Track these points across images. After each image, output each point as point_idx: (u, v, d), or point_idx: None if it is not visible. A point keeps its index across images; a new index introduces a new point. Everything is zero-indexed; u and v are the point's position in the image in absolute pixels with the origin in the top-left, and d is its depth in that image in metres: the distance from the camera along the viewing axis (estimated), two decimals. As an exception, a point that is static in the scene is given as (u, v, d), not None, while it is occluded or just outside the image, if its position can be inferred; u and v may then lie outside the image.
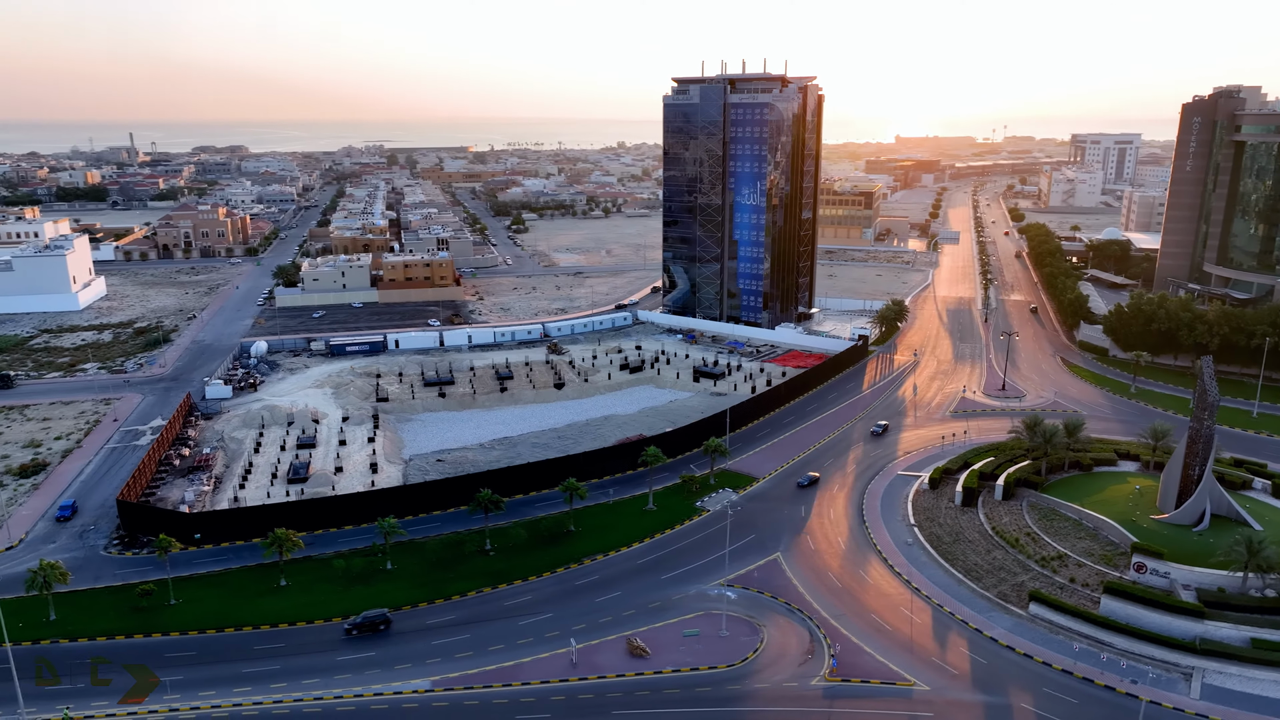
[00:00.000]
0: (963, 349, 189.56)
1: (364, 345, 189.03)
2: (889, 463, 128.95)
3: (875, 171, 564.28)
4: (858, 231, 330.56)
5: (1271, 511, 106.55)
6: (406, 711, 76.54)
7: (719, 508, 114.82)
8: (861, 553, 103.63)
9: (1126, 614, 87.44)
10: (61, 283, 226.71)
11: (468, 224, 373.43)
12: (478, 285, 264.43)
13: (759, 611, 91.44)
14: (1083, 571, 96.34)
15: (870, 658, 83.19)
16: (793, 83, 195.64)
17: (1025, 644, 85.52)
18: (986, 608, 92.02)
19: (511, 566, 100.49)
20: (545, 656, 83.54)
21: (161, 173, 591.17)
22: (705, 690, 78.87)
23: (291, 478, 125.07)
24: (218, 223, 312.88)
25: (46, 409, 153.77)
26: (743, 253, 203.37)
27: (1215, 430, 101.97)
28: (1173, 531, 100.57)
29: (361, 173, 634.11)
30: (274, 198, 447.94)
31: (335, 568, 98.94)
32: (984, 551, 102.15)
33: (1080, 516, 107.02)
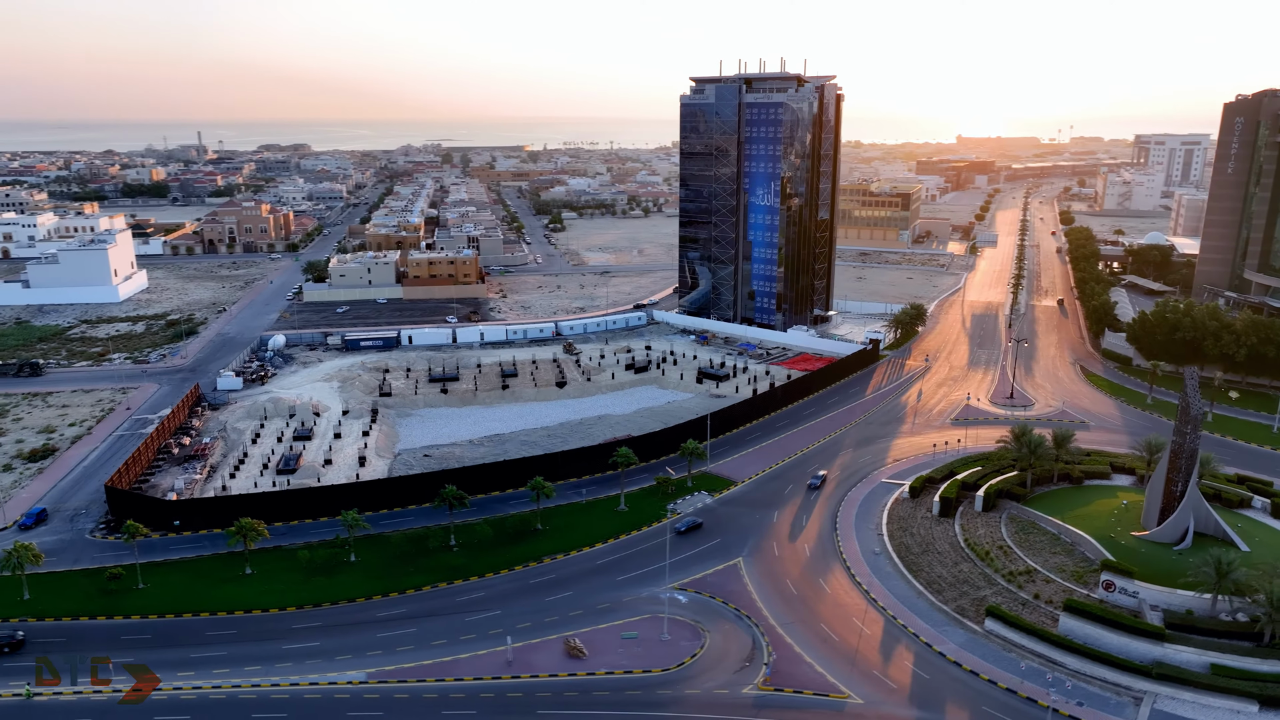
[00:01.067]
0: (979, 355, 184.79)
1: (378, 340, 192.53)
2: (875, 470, 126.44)
3: (926, 172, 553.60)
4: (894, 233, 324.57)
5: (1266, 532, 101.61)
6: (338, 702, 77.79)
7: (691, 510, 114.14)
8: (825, 561, 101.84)
9: (1085, 634, 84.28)
10: (103, 276, 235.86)
11: (506, 222, 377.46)
12: (504, 283, 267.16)
13: (706, 616, 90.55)
14: (1050, 588, 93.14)
15: (809, 668, 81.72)
16: (810, 82, 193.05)
17: (974, 660, 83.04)
18: (942, 621, 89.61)
19: (472, 563, 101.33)
20: (483, 654, 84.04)
21: (224, 170, 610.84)
22: (635, 694, 78.43)
23: (280, 469, 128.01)
24: (260, 219, 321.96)
25: (68, 396, 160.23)
26: (756, 254, 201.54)
27: (1200, 444, 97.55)
28: (1152, 550, 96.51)
29: (413, 171, 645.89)
30: (324, 195, 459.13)
31: (300, 558, 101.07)
32: (951, 564, 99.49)
33: (1059, 531, 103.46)
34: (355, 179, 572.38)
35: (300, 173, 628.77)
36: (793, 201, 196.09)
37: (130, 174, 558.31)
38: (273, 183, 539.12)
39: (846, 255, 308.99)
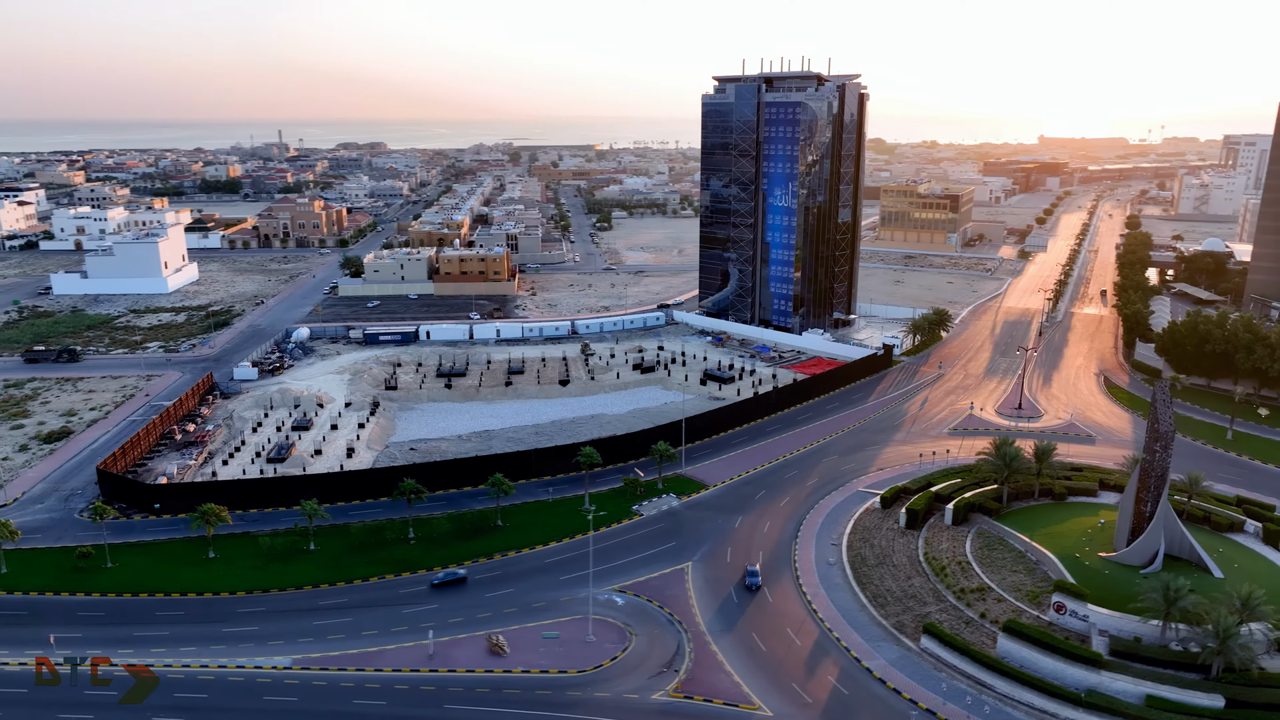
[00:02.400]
0: (999, 363, 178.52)
1: (396, 335, 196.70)
2: (853, 478, 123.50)
3: (993, 174, 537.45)
4: (942, 236, 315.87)
5: (1251, 559, 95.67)
6: (259, 685, 79.97)
7: (655, 512, 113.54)
8: (777, 569, 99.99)
9: (1021, 656, 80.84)
10: (154, 268, 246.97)
11: (553, 221, 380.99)
12: (537, 280, 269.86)
13: (639, 620, 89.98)
14: (1000, 607, 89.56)
15: (726, 678, 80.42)
16: (830, 81, 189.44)
17: (900, 679, 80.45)
18: (879, 636, 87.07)
19: (425, 556, 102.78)
20: (409, 646, 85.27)
21: (297, 167, 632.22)
22: (544, 694, 78.49)
23: (270, 458, 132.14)
24: (313, 215, 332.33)
25: (96, 382, 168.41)
26: (774, 255, 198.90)
27: (1170, 463, 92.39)
28: (1117, 572, 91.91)
29: (476, 169, 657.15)
30: (385, 192, 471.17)
31: (261, 545, 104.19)
32: (904, 578, 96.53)
33: (1025, 548, 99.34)
34: (420, 177, 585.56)
35: (371, 170, 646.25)
36: (811, 202, 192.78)
37: (209, 171, 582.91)
38: (341, 180, 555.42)
39: (890, 258, 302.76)
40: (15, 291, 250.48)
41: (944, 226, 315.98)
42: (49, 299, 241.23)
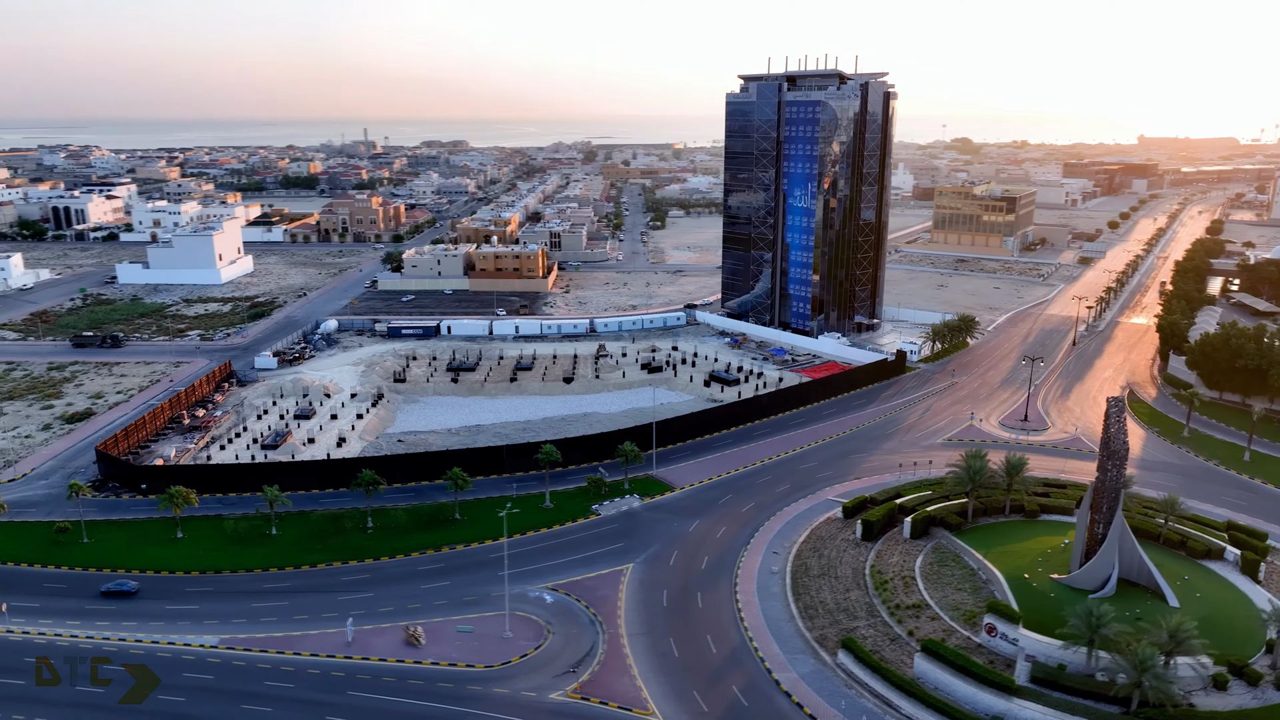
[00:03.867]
0: (1019, 373, 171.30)
1: (418, 329, 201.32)
2: (826, 486, 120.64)
3: (1074, 175, 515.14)
4: (998, 240, 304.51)
5: (1219, 588, 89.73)
6: (183, 662, 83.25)
7: (613, 513, 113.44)
8: (717, 574, 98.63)
9: (936, 678, 77.81)
10: (208, 259, 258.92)
11: (606, 219, 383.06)
12: (575, 278, 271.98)
13: (561, 618, 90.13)
14: (933, 625, 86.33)
15: (629, 682, 79.86)
16: (854, 79, 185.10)
17: (807, 693, 78.45)
18: (798, 649, 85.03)
19: (377, 545, 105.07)
20: (332, 632, 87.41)
21: (376, 164, 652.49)
22: (446, 686, 79.47)
23: (265, 444, 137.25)
24: (370, 211, 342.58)
25: (130, 367, 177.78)
26: (794, 257, 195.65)
27: (1124, 484, 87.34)
28: (1065, 596, 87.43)
29: (548, 167, 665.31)
30: (451, 189, 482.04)
31: (226, 528, 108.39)
32: (842, 590, 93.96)
33: (979, 567, 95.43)
34: (490, 174, 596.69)
35: (447, 168, 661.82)
36: (833, 203, 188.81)
37: (292, 168, 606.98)
38: (413, 177, 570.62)
39: (941, 262, 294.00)
40: (86, 280, 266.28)
41: (1001, 230, 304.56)
42: (113, 288, 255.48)
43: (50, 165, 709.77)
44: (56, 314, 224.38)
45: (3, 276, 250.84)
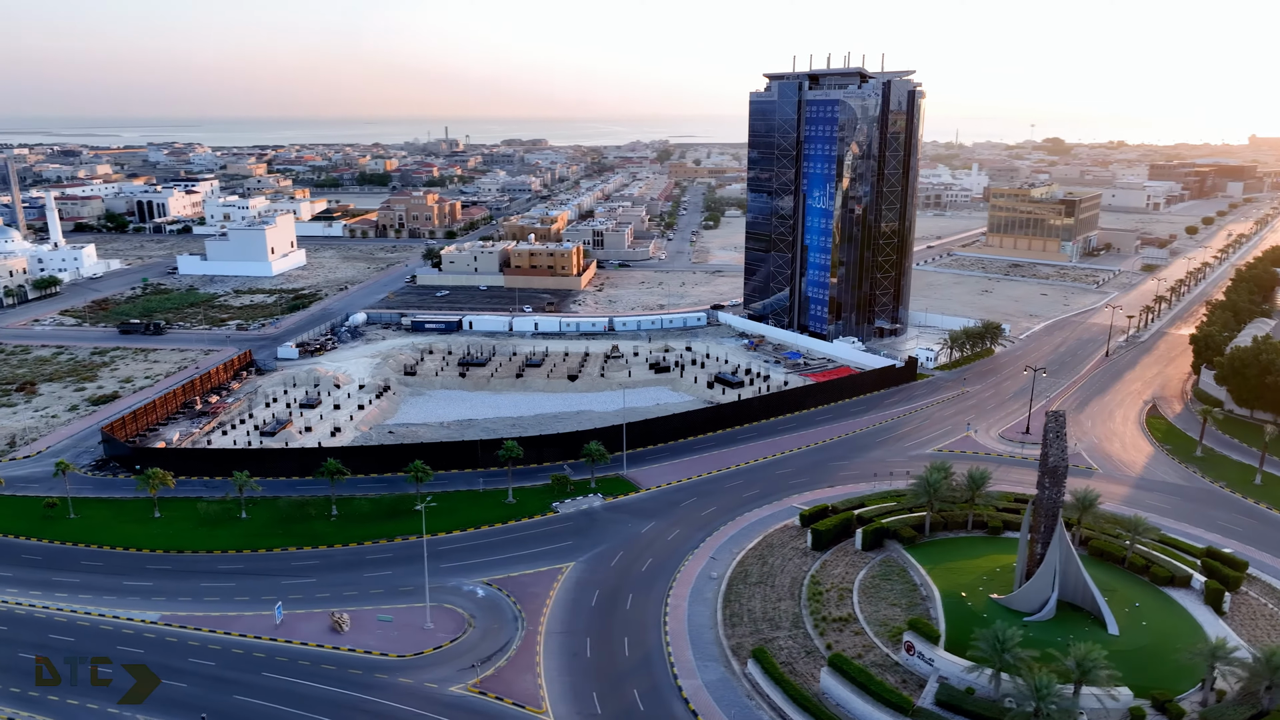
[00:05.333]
0: (1039, 383, 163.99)
1: (441, 324, 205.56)
2: (795, 493, 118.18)
3: (1160, 177, 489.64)
4: (1056, 244, 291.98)
5: (1172, 618, 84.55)
6: (122, 635, 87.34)
7: (572, 511, 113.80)
8: (654, 577, 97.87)
9: (838, 695, 75.61)
10: (260, 252, 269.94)
11: (659, 218, 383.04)
12: (613, 276, 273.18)
13: (486, 613, 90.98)
14: (855, 640, 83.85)
15: (531, 679, 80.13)
16: (876, 78, 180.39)
17: (706, 702, 77.23)
18: (712, 656, 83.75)
19: (336, 533, 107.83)
20: (265, 614, 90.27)
21: (451, 162, 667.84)
22: (355, 673, 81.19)
23: (265, 431, 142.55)
24: (426, 207, 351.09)
25: (164, 354, 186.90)
26: (812, 259, 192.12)
27: (1062, 502, 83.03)
28: (1000, 616, 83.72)
29: (616, 166, 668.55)
30: (515, 187, 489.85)
31: (199, 510, 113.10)
32: (774, 599, 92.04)
33: (921, 583, 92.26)
34: (559, 172, 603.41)
35: (522, 166, 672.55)
36: (854, 205, 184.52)
37: (370, 165, 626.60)
38: (483, 175, 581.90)
39: (993, 266, 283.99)
40: (150, 270, 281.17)
41: (1059, 234, 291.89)
42: (173, 278, 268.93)
43: (154, 161, 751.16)
44: (115, 302, 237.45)
45: (76, 266, 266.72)
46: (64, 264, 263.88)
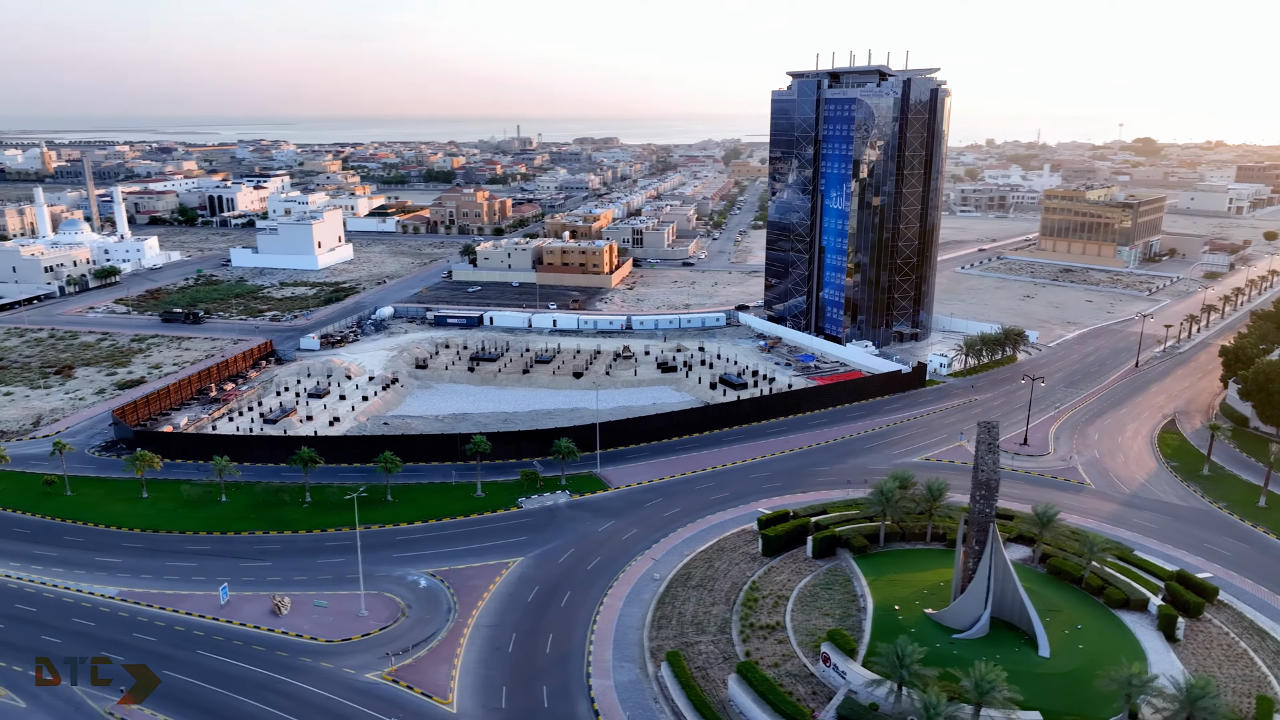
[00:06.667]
0: (1054, 393, 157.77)
1: (463, 319, 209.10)
2: (764, 497, 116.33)
3: (1250, 179, 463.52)
4: (1111, 249, 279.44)
5: (1114, 643, 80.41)
6: (80, 608, 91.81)
7: (536, 507, 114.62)
8: (598, 576, 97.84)
9: (742, 703, 74.41)
10: (307, 246, 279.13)
11: (709, 217, 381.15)
12: (647, 275, 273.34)
13: (424, 603, 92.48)
14: (778, 649, 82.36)
15: (446, 670, 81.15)
16: (896, 76, 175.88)
17: (611, 704, 76.94)
18: (631, 657, 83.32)
19: (303, 520, 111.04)
20: (215, 594, 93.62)
21: (519, 160, 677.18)
22: (281, 655, 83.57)
23: (268, 419, 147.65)
24: (475, 205, 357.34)
25: (198, 342, 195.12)
26: (829, 261, 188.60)
27: (993, 516, 79.75)
28: (929, 632, 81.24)
29: (680, 165, 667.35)
30: (572, 185, 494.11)
31: (182, 492, 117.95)
32: (709, 603, 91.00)
33: (862, 593, 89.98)
34: (621, 170, 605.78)
35: (589, 164, 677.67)
36: (871, 205, 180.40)
37: (438, 163, 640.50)
38: (544, 173, 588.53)
39: (1042, 271, 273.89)
40: (207, 262, 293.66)
41: (1115, 238, 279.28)
42: (226, 270, 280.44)
43: (240, 158, 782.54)
44: (168, 292, 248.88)
45: (138, 257, 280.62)
46: (127, 255, 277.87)
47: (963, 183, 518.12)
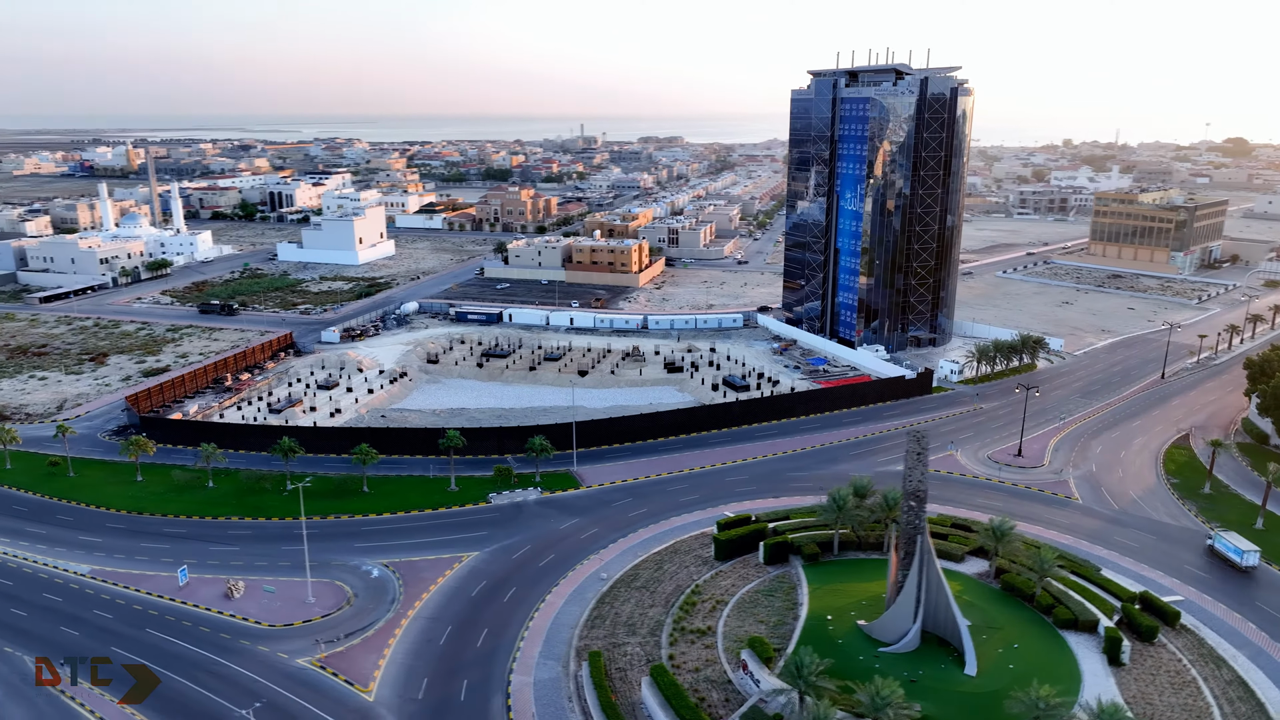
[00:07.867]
0: (1068, 404, 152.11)
1: (482, 315, 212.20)
2: (732, 501, 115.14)
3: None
4: (1164, 254, 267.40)
5: (1048, 665, 77.51)
6: (53, 584, 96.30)
7: (505, 503, 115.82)
8: (546, 574, 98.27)
9: (651, 707, 74.03)
10: (349, 242, 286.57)
11: (752, 218, 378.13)
12: (679, 275, 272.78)
13: (371, 593, 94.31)
14: (703, 654, 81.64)
15: (374, 659, 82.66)
16: (913, 75, 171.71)
17: (525, 701, 77.14)
18: (556, 655, 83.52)
19: (280, 507, 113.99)
20: (174, 575, 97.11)
21: (574, 158, 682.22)
22: (225, 637, 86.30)
23: (274, 409, 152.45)
24: (519, 203, 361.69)
25: (227, 333, 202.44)
26: (843, 263, 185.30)
27: (924, 528, 77.49)
28: (858, 643, 79.69)
29: (737, 164, 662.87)
30: (624, 184, 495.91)
31: (172, 477, 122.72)
32: (647, 605, 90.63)
33: (801, 601, 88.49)
34: (678, 170, 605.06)
35: (648, 163, 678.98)
36: (885, 207, 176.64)
37: (497, 161, 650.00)
38: (599, 172, 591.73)
39: (1090, 277, 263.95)
40: (255, 255, 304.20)
41: (1166, 243, 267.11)
42: (272, 264, 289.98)
43: (313, 156, 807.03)
44: (213, 284, 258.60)
45: (191, 250, 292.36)
46: (180, 248, 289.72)
47: (1026, 184, 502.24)
